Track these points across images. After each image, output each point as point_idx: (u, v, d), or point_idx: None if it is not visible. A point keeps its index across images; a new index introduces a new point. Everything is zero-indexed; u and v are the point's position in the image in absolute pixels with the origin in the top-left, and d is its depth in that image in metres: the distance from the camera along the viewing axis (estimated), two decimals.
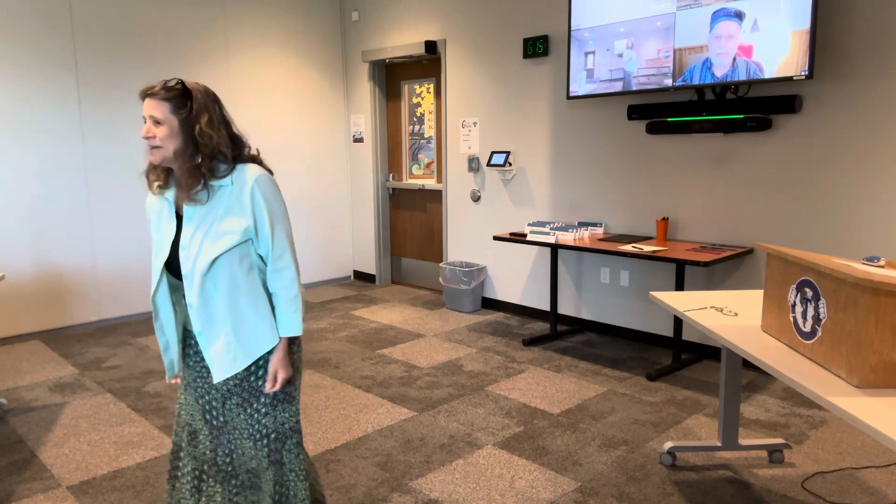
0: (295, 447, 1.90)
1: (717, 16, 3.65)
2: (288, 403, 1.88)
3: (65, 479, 2.76)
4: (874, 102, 3.38)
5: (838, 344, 1.76)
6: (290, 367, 1.86)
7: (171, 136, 1.72)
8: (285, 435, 1.88)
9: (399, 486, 2.65)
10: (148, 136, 1.72)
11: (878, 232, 3.44)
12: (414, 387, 3.73)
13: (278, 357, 1.83)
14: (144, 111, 1.74)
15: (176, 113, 1.72)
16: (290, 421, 1.89)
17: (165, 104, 1.71)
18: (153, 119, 1.72)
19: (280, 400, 1.87)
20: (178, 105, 1.72)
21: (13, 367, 4.17)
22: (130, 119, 5.08)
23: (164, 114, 1.71)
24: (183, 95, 1.73)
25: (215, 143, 1.73)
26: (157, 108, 1.71)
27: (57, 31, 4.69)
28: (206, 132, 1.72)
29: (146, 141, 1.75)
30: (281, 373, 1.83)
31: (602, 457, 2.87)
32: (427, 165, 6.03)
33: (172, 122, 1.72)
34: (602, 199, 4.58)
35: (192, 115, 1.73)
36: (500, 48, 5.04)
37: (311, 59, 6.11)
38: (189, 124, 1.73)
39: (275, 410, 1.86)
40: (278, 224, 1.80)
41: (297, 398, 1.92)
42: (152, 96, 1.73)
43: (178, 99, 1.73)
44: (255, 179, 1.76)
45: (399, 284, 6.41)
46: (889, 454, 2.86)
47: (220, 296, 1.78)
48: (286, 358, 1.84)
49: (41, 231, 4.76)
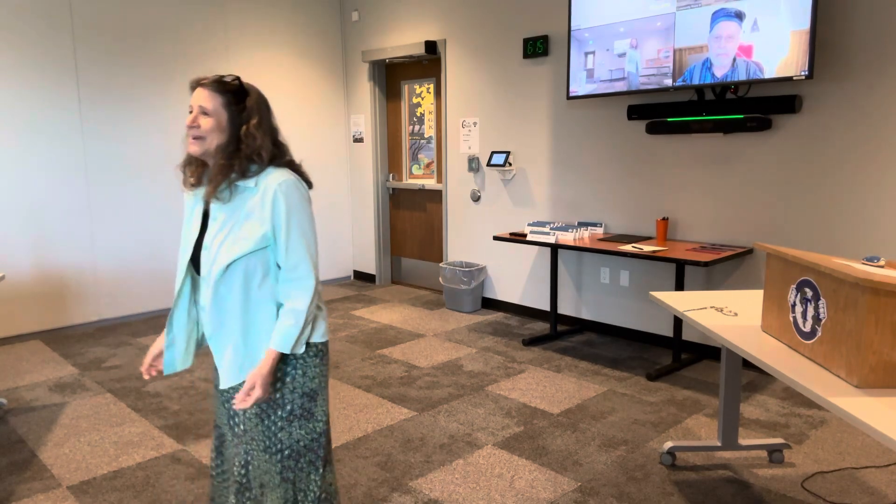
0: (308, 466, 1.79)
1: (718, 16, 3.65)
2: (305, 420, 1.77)
3: (65, 479, 2.76)
4: (874, 102, 3.38)
5: (838, 344, 1.76)
6: (269, 387, 1.71)
7: (217, 130, 1.67)
8: (299, 453, 1.78)
9: (399, 486, 2.65)
10: (193, 125, 1.67)
11: (878, 232, 3.44)
12: (414, 387, 3.73)
13: (259, 371, 1.68)
14: (193, 100, 1.68)
15: (227, 108, 1.68)
16: (305, 438, 1.78)
17: (219, 97, 1.67)
18: (202, 109, 1.67)
19: (297, 416, 1.76)
20: (231, 100, 1.68)
21: (13, 367, 4.17)
22: (130, 119, 5.08)
23: (214, 106, 1.67)
24: (238, 91, 1.69)
25: (257, 145, 1.69)
26: (208, 98, 1.67)
27: (57, 31, 4.69)
28: (252, 133, 1.68)
29: (189, 130, 1.69)
30: (258, 389, 1.67)
31: (602, 457, 2.87)
32: (427, 165, 6.03)
33: (222, 115, 1.67)
34: (602, 199, 4.58)
35: (243, 113, 1.69)
36: (500, 48, 5.04)
37: (311, 59, 6.12)
38: (237, 122, 1.69)
39: (290, 426, 1.76)
40: (295, 232, 1.70)
41: (319, 416, 1.80)
42: (205, 86, 1.68)
43: (232, 94, 1.69)
44: (279, 184, 1.68)
45: (399, 284, 6.41)
46: (889, 454, 2.86)
47: (232, 301, 1.72)
48: (269, 375, 1.69)
49: (41, 231, 4.76)
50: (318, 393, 1.80)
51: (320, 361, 1.80)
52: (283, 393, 1.75)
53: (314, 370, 1.78)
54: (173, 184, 5.34)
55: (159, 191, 5.27)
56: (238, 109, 1.69)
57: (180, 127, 5.33)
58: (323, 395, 1.81)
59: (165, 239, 5.33)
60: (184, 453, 2.96)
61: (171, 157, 5.30)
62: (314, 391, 1.78)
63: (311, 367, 1.77)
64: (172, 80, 5.26)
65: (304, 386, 1.77)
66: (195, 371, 4.02)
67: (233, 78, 1.70)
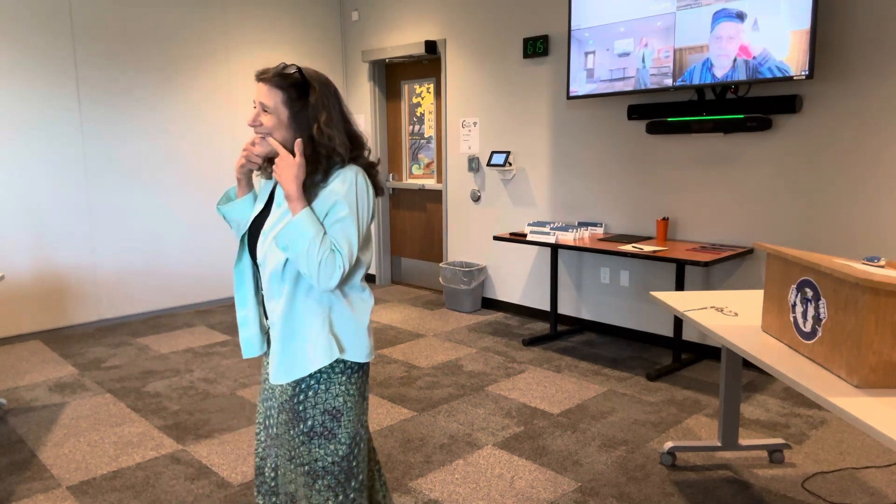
0: (326, 490, 1.66)
1: (718, 16, 3.65)
2: (325, 440, 1.64)
3: (65, 479, 2.75)
4: (874, 102, 3.38)
5: (838, 344, 1.76)
6: (291, 179, 1.54)
7: (280, 128, 1.57)
8: (317, 473, 1.65)
9: (399, 486, 2.65)
10: (254, 123, 1.57)
11: (878, 232, 3.43)
12: (414, 387, 3.72)
13: (297, 175, 1.54)
14: (255, 96, 1.57)
15: (289, 104, 1.55)
16: (324, 459, 1.65)
17: (279, 92, 1.55)
18: (263, 106, 1.56)
19: (317, 433, 1.64)
20: (293, 95, 1.55)
21: (13, 367, 4.17)
22: (130, 119, 5.08)
23: (275, 102, 1.55)
24: (301, 85, 1.56)
25: (334, 144, 1.56)
26: (268, 94, 1.55)
27: (57, 32, 4.69)
28: (325, 131, 1.55)
29: (253, 129, 1.59)
30: (287, 169, 1.53)
31: (602, 457, 2.87)
32: (427, 165, 6.03)
33: (283, 113, 1.56)
34: (602, 199, 4.58)
35: (307, 110, 1.56)
36: (500, 48, 5.04)
37: (311, 59, 6.11)
38: (302, 120, 1.56)
39: (310, 443, 1.65)
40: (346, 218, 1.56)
41: (343, 438, 1.66)
42: (265, 81, 1.55)
43: (294, 88, 1.55)
44: (344, 173, 1.58)
45: (399, 284, 6.41)
46: (889, 454, 2.86)
47: (280, 296, 1.61)
48: (294, 181, 1.54)
49: (41, 231, 4.76)
50: (343, 413, 1.66)
51: (347, 380, 1.66)
52: (306, 406, 1.65)
53: (339, 388, 1.65)
54: (173, 184, 5.34)
55: (159, 191, 5.26)
56: (301, 105, 1.56)
57: (180, 126, 5.33)
58: (349, 416, 1.67)
59: (165, 239, 5.33)
60: (183, 453, 2.96)
61: (171, 157, 5.30)
62: (338, 410, 1.65)
63: (335, 383, 1.65)
64: (172, 80, 5.26)
65: (325, 402, 1.65)
66: (195, 371, 4.02)
67: (294, 70, 1.57)
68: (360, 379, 1.70)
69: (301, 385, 1.64)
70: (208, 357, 4.29)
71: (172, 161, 5.32)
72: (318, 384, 1.64)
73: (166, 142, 5.27)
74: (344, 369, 1.65)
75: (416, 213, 6.15)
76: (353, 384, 1.68)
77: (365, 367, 1.72)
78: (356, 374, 1.68)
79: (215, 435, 3.14)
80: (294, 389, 1.65)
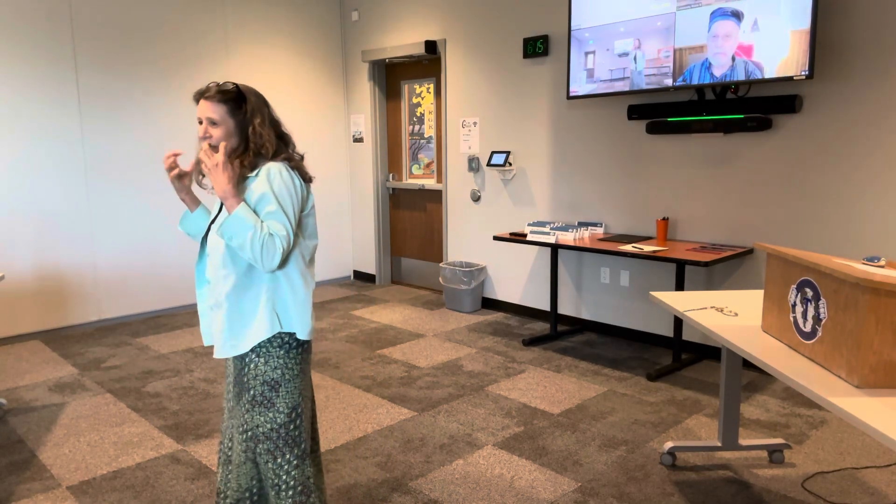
0: (266, 454, 1.90)
1: (715, 15, 3.65)
2: (265, 408, 1.88)
3: (65, 479, 2.75)
4: (874, 102, 3.38)
5: (838, 344, 1.76)
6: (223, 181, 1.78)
7: (227, 137, 1.83)
8: (258, 438, 1.90)
9: (399, 486, 2.65)
10: (206, 136, 1.83)
11: (878, 232, 3.43)
12: (414, 387, 3.72)
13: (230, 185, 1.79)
14: (200, 113, 1.83)
15: (233, 115, 1.83)
16: (264, 426, 1.88)
17: (222, 106, 1.82)
18: (210, 120, 1.82)
19: (258, 402, 1.88)
20: (234, 107, 1.83)
21: (13, 367, 4.17)
22: (130, 119, 5.08)
23: (221, 115, 1.82)
24: (238, 98, 1.84)
25: (264, 141, 1.84)
26: (214, 110, 1.81)
27: (57, 32, 4.69)
28: (258, 131, 1.84)
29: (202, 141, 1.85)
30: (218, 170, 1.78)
31: (602, 457, 2.87)
32: (427, 165, 6.03)
33: (229, 123, 1.83)
34: (602, 199, 4.58)
35: (246, 116, 1.84)
36: (500, 48, 5.04)
37: (311, 59, 6.11)
38: (244, 125, 1.84)
39: (252, 410, 1.89)
40: (275, 209, 1.80)
41: (281, 408, 1.89)
42: (209, 98, 1.82)
43: (234, 101, 1.83)
44: (267, 169, 1.83)
45: (399, 284, 6.41)
46: (889, 454, 2.86)
47: (225, 279, 1.86)
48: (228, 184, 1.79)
49: (41, 231, 4.76)
50: (281, 385, 1.88)
51: (285, 354, 1.88)
52: (248, 378, 1.88)
53: (277, 361, 1.87)
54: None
55: (159, 190, 5.26)
56: (241, 113, 1.84)
57: (180, 127, 5.33)
58: (287, 388, 1.89)
59: (165, 239, 5.33)
60: (183, 453, 2.96)
61: None
62: (276, 381, 1.88)
63: (273, 357, 1.87)
64: (172, 80, 5.26)
65: (264, 374, 1.87)
66: (195, 371, 4.02)
67: (232, 86, 1.84)
68: (300, 355, 1.92)
69: (245, 359, 1.88)
70: (208, 357, 4.29)
71: None
72: (259, 357, 1.87)
73: (167, 141, 5.27)
74: (282, 344, 1.88)
75: (416, 213, 6.15)
76: (292, 359, 1.90)
77: (305, 344, 1.94)
78: (294, 350, 1.90)
79: (215, 435, 3.14)
80: (241, 363, 1.89)
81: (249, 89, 1.87)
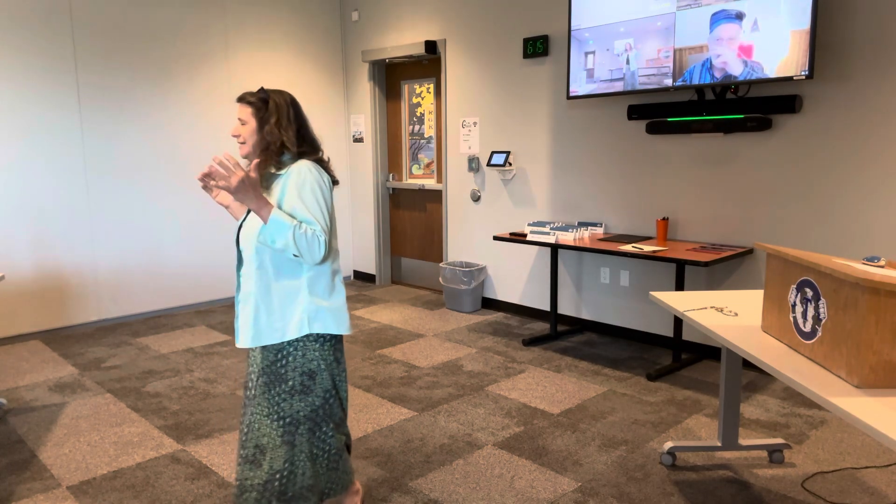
0: (307, 432, 2.10)
1: (718, 18, 3.65)
2: (304, 395, 2.08)
3: (65, 479, 2.76)
4: (874, 102, 3.38)
5: (838, 344, 1.76)
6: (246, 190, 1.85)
7: (251, 134, 2.05)
8: (298, 421, 2.09)
9: (399, 486, 2.65)
10: (234, 134, 2.07)
11: (878, 232, 3.43)
12: (414, 387, 3.73)
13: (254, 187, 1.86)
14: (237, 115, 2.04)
15: (256, 115, 2.05)
16: (304, 409, 2.08)
17: (249, 107, 2.05)
18: (240, 120, 2.06)
19: (298, 391, 2.08)
20: (258, 107, 2.05)
21: (13, 367, 4.17)
22: (130, 119, 5.08)
23: (246, 115, 2.05)
24: (263, 100, 2.05)
25: (276, 137, 2.02)
26: (242, 110, 2.06)
27: (57, 32, 4.69)
28: (270, 130, 2.03)
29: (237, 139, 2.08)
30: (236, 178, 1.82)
31: (602, 457, 2.87)
32: (427, 165, 6.03)
33: (252, 122, 2.05)
34: (602, 199, 4.58)
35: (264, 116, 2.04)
36: (500, 48, 5.04)
37: (311, 59, 6.11)
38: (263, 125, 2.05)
39: (292, 399, 2.07)
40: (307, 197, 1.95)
41: (318, 392, 2.10)
42: (240, 101, 2.07)
43: (258, 103, 2.05)
44: (298, 166, 2.01)
45: (399, 284, 6.41)
46: (889, 454, 2.86)
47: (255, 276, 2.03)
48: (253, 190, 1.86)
49: (41, 231, 4.76)
50: (317, 374, 2.10)
51: (320, 347, 2.09)
52: (287, 370, 2.06)
53: (312, 353, 2.08)
54: (173, 183, 5.34)
55: (159, 190, 5.27)
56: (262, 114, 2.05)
57: (180, 127, 5.33)
58: (323, 375, 2.11)
59: (165, 239, 5.33)
60: (183, 453, 2.96)
61: (171, 156, 5.31)
62: (313, 371, 2.09)
63: (309, 350, 2.08)
64: (172, 80, 5.26)
65: (303, 366, 2.07)
66: (195, 371, 4.02)
67: (260, 91, 2.07)
68: (335, 345, 2.14)
69: (282, 352, 2.06)
70: (208, 357, 4.30)
71: (172, 161, 5.32)
72: (296, 351, 2.07)
73: (166, 142, 5.27)
74: (317, 339, 2.09)
75: (416, 213, 6.15)
76: (327, 350, 2.11)
77: (339, 336, 2.15)
78: (328, 343, 2.12)
79: (215, 435, 3.14)
80: (275, 356, 2.06)
81: (277, 92, 2.07)
